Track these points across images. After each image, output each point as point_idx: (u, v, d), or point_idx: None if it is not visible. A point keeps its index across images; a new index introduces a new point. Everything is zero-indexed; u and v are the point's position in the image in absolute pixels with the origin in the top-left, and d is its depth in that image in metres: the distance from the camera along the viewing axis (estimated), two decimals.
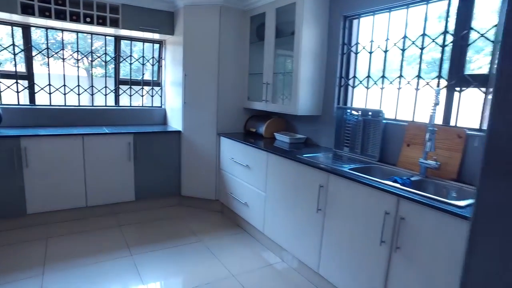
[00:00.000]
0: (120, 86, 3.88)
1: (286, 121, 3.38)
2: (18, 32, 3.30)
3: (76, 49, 3.58)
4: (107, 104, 3.82)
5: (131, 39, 3.82)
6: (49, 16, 3.06)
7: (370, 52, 2.55)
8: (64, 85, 3.57)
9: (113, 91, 3.85)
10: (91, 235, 2.93)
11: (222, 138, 3.36)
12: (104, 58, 3.73)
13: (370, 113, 2.48)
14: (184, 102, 3.41)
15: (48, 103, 3.52)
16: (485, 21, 1.92)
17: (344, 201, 1.99)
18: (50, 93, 3.52)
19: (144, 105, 4.04)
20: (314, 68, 2.83)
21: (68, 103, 3.62)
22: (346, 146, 2.67)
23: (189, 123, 3.46)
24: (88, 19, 3.23)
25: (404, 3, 2.27)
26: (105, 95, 3.80)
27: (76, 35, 3.56)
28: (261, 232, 2.84)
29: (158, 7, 3.48)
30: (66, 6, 3.10)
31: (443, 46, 2.09)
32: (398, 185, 1.80)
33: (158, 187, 3.51)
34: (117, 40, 3.76)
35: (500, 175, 0.94)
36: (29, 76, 3.42)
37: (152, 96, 4.06)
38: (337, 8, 2.75)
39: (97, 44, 3.70)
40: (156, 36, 3.76)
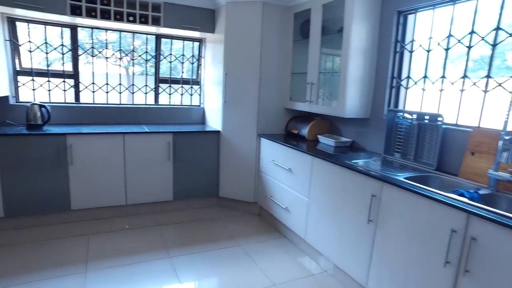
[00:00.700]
0: (160, 85, 3.88)
1: (330, 123, 3.22)
2: (66, 33, 3.38)
3: (117, 48, 3.62)
4: (147, 102, 3.84)
5: (171, 37, 3.81)
6: (95, 16, 3.11)
7: (428, 50, 2.33)
8: (107, 83, 3.62)
9: (153, 89, 3.87)
10: (131, 233, 2.94)
11: (263, 139, 3.25)
12: (144, 56, 3.74)
13: (427, 117, 2.27)
14: (224, 101, 3.34)
15: (92, 101, 3.59)
16: None
17: (400, 213, 1.82)
18: (93, 92, 3.58)
19: (182, 103, 4.02)
20: (364, 68, 2.65)
21: (106, 101, 3.68)
22: (397, 152, 2.48)
23: (229, 123, 3.39)
24: (131, 18, 3.24)
25: None
26: (145, 93, 3.82)
27: (119, 34, 3.60)
28: (302, 239, 2.71)
29: (200, 4, 3.43)
30: (110, 6, 3.13)
31: None
32: (466, 200, 1.61)
33: (196, 188, 3.47)
34: (158, 38, 3.76)
35: None
36: (75, 75, 3.50)
37: (191, 94, 4.04)
38: (390, 2, 2.55)
39: (136, 43, 3.71)
40: (197, 34, 3.72)
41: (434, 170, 2.16)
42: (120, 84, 3.68)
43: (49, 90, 3.41)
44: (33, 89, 3.36)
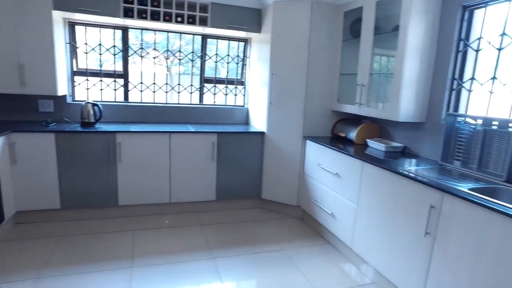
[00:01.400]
0: (204, 84, 3.91)
1: (380, 126, 3.06)
2: (117, 34, 3.51)
3: (162, 49, 3.69)
4: (192, 102, 3.89)
5: (217, 37, 3.82)
6: (145, 18, 3.19)
7: (500, 49, 2.12)
8: (154, 83, 3.71)
9: (198, 89, 3.91)
10: (174, 231, 2.98)
11: (308, 142, 3.16)
12: (190, 56, 3.79)
13: (495, 123, 2.06)
14: (270, 102, 3.29)
15: (139, 100, 3.70)
16: None
17: (465, 228, 1.66)
18: (141, 91, 3.69)
19: (226, 103, 4.03)
20: (420, 68, 2.47)
21: (147, 100, 3.76)
22: (457, 160, 2.28)
23: (274, 124, 3.33)
24: (179, 19, 3.29)
25: None
26: (191, 93, 3.87)
27: (166, 35, 3.67)
28: (349, 248, 2.59)
29: (246, 4, 3.41)
30: (160, 7, 3.20)
31: None
32: None
33: (239, 189, 3.46)
34: (204, 38, 3.79)
35: None
36: (125, 74, 3.62)
37: (236, 95, 4.03)
38: None
39: (180, 43, 3.77)
40: (242, 34, 3.70)
41: (503, 181, 1.96)
42: (166, 83, 3.76)
43: (101, 90, 3.56)
44: (87, 89, 3.52)
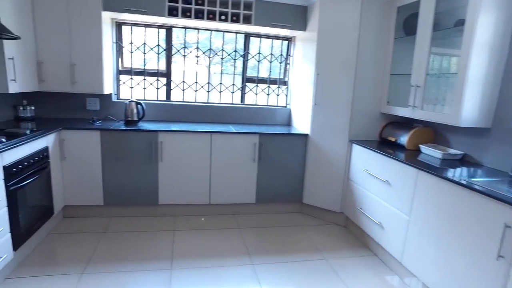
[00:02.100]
0: (246, 84, 3.84)
1: (434, 131, 2.81)
2: (161, 34, 3.53)
3: (203, 48, 3.66)
4: (233, 102, 3.83)
5: (260, 36, 3.74)
6: (189, 16, 3.17)
7: None
8: (196, 82, 3.70)
9: (240, 88, 3.84)
10: (213, 233, 2.93)
11: (355, 146, 2.99)
12: (233, 55, 3.73)
13: None
14: (315, 103, 3.15)
15: (181, 99, 3.70)
16: None
17: None
18: (183, 90, 3.69)
19: (268, 104, 3.93)
20: (488, 68, 2.22)
21: (194, 99, 3.75)
22: None
23: (318, 127, 3.19)
24: (223, 17, 3.24)
25: None
26: (232, 92, 3.81)
27: (210, 33, 3.64)
28: (398, 262, 2.39)
29: (292, 1, 3.29)
30: (204, 6, 3.17)
31: None
32: None
33: (279, 192, 3.35)
34: (246, 37, 3.72)
35: None
36: (167, 73, 3.64)
37: (278, 95, 3.93)
38: None
39: (219, 43, 3.71)
40: (286, 32, 3.59)
41: None
42: (208, 83, 3.74)
43: (145, 88, 3.60)
44: (131, 87, 3.58)
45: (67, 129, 2.85)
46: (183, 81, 3.67)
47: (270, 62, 3.83)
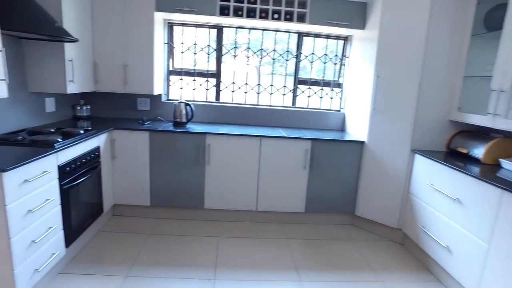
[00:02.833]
0: (298, 86, 3.66)
1: None
2: (211, 34, 3.46)
3: (253, 48, 3.53)
4: (284, 104, 3.67)
5: (314, 35, 3.53)
6: (241, 15, 3.07)
7: None
8: (246, 83, 3.59)
9: (292, 91, 3.67)
10: (259, 242, 2.79)
11: (418, 156, 2.68)
12: (285, 56, 3.57)
13: None
14: (373, 108, 2.88)
15: (230, 101, 3.62)
16: None
17: None
18: (233, 91, 3.60)
19: (321, 107, 3.71)
20: None
21: (244, 101, 3.64)
22: None
23: (376, 134, 2.92)
24: (276, 16, 3.10)
25: None
26: (283, 95, 3.65)
27: (261, 33, 3.51)
28: None
29: None
30: (257, 4, 3.04)
31: None
32: None
33: (331, 202, 3.12)
34: (300, 37, 3.53)
35: None
36: (217, 74, 3.57)
37: (331, 98, 3.69)
38: None
39: (270, 42, 3.55)
40: (342, 32, 3.35)
41: None
42: (259, 84, 3.61)
43: (194, 89, 3.57)
44: (181, 88, 3.56)
45: (118, 129, 2.88)
46: (233, 82, 3.58)
47: (324, 63, 3.61)
